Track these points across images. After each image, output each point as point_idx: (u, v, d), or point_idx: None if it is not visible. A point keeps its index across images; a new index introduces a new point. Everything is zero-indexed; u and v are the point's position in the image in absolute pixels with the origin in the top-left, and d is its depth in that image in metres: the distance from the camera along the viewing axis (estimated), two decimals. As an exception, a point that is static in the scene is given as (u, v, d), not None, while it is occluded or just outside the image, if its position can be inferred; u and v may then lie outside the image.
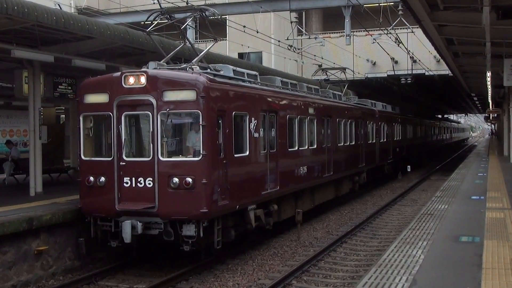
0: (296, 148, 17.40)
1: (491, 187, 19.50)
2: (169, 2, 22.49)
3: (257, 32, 25.83)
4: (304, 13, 41.27)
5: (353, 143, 24.23)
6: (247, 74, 15.44)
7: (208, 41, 39.10)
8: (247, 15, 30.27)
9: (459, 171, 27.44)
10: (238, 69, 15.27)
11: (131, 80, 12.47)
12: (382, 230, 18.48)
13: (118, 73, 12.81)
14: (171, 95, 12.25)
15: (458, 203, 16.23)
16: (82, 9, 32.94)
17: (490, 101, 44.62)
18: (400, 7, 27.48)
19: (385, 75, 41.27)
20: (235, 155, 13.30)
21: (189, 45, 16.08)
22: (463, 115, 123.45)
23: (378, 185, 30.72)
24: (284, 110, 16.51)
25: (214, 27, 40.57)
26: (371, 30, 32.88)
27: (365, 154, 26.09)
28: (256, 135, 14.35)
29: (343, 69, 26.22)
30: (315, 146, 19.18)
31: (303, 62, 36.13)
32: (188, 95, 12.16)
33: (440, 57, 30.15)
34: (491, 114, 49.21)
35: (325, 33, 41.95)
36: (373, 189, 29.20)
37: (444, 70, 36.67)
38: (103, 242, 13.03)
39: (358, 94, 38.44)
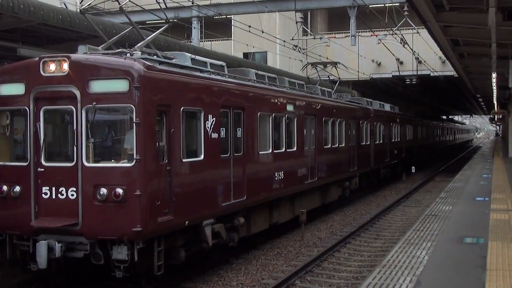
0: (270, 151, 15.11)
1: (495, 189, 19.47)
2: (174, 2, 22.54)
3: (262, 32, 25.85)
4: (309, 13, 41.32)
5: (343, 145, 21.84)
6: (211, 64, 13.16)
7: (212, 40, 39.20)
8: (253, 15, 30.32)
9: (463, 173, 27.41)
10: (198, 57, 12.96)
11: (52, 67, 10.31)
12: (386, 231, 18.46)
13: (36, 58, 10.58)
14: (99, 86, 10.13)
15: (463, 204, 16.21)
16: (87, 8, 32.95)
17: (495, 102, 44.59)
18: (405, 8, 27.49)
19: (390, 75, 41.34)
20: (184, 160, 11.08)
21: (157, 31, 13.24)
22: (468, 116, 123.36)
23: (382, 186, 30.66)
24: (254, 106, 14.22)
25: (219, 27, 40.39)
26: (376, 31, 32.86)
27: (358, 157, 23.80)
28: (214, 135, 12.13)
29: (335, 64, 24.07)
30: (295, 148, 16.78)
31: (308, 62, 36.10)
32: (118, 85, 10.04)
33: (445, 58, 30.15)
34: (496, 116, 49.17)
35: (330, 33, 41.97)
36: (377, 190, 29.17)
37: (449, 71, 36.68)
38: (23, 265, 10.82)
39: (362, 94, 38.50)
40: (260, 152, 14.46)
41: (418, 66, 38.13)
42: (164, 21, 12.59)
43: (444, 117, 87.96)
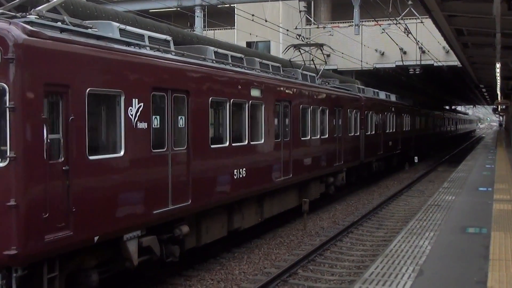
0: (227, 143, 12.66)
1: (498, 179, 19.47)
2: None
3: (266, 21, 25.78)
4: (313, 2, 41.14)
5: (326, 136, 19.42)
6: (151, 37, 10.80)
7: (215, 29, 39.11)
8: (256, 4, 30.24)
9: (466, 163, 27.41)
10: (130, 28, 10.52)
11: None
12: (389, 220, 18.48)
13: None
14: None
15: (466, 194, 16.22)
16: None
17: (498, 92, 44.50)
18: (409, -3, 27.34)
19: (394, 65, 41.29)
20: (92, 158, 8.54)
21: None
22: (471, 106, 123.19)
23: (385, 176, 30.67)
24: (204, 89, 11.65)
25: (222, 16, 40.33)
26: (380, 20, 32.73)
27: (344, 150, 21.46)
28: (142, 125, 9.62)
29: (320, 46, 21.71)
30: (263, 140, 14.38)
31: (310, 52, 36.05)
32: None
33: (449, 48, 30.02)
34: (499, 106, 49.15)
35: (333, 23, 41.86)
36: (380, 180, 29.18)
37: (453, 61, 36.59)
38: None
39: (366, 84, 38.43)
40: (212, 146, 11.93)
41: (422, 56, 38.04)
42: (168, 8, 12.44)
43: (447, 107, 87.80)
